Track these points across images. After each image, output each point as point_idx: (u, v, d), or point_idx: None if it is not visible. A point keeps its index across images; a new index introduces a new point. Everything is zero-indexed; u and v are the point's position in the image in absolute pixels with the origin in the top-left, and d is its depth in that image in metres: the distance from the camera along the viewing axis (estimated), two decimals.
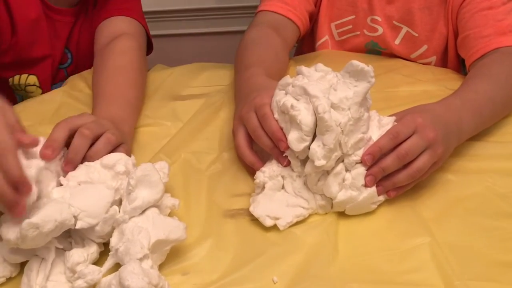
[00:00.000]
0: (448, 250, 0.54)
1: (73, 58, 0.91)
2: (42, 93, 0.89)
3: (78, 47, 0.91)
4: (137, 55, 0.82)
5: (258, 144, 0.61)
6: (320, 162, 0.55)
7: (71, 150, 0.57)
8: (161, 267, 0.53)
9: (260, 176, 0.60)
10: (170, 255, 0.54)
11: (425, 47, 0.88)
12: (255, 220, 0.59)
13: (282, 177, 0.60)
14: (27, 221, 0.48)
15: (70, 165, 0.57)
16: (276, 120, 0.59)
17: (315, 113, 0.55)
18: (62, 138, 0.57)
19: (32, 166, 0.52)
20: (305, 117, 0.56)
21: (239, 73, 0.75)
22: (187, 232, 0.53)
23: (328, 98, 0.55)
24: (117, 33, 0.84)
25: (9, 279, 0.54)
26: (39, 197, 0.51)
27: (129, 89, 0.76)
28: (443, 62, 0.89)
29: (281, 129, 0.58)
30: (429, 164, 0.58)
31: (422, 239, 0.55)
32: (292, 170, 0.60)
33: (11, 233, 0.49)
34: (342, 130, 0.55)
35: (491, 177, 0.63)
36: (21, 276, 0.53)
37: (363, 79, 0.56)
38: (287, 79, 0.60)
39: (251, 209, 0.58)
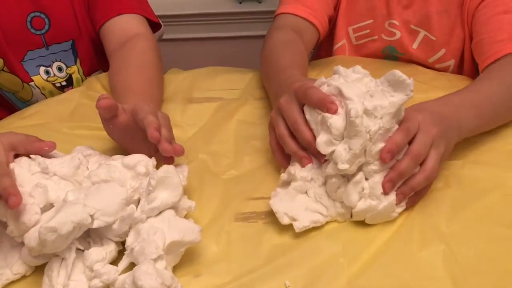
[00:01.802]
0: (462, 258, 0.54)
1: (51, 24, 0.88)
2: (14, 73, 0.89)
3: (56, 12, 0.88)
4: (155, 56, 0.82)
5: (298, 137, 0.60)
6: (343, 165, 0.54)
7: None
8: (174, 268, 0.53)
9: (292, 169, 0.59)
10: (184, 256, 0.54)
11: (443, 50, 0.87)
12: (268, 224, 0.59)
13: (311, 179, 0.59)
14: (44, 225, 0.48)
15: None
16: (307, 121, 0.58)
17: (347, 115, 0.54)
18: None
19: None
20: (336, 120, 0.55)
21: (276, 74, 0.73)
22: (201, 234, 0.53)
23: (363, 103, 0.54)
24: (131, 33, 0.84)
25: (24, 278, 0.54)
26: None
27: (153, 87, 0.76)
28: (460, 66, 0.89)
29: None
30: (438, 162, 0.57)
31: (436, 246, 0.55)
32: (321, 175, 0.59)
33: (33, 241, 0.50)
34: (370, 138, 0.54)
35: (507, 185, 0.62)
36: (35, 276, 0.54)
37: (401, 90, 0.55)
38: (322, 79, 0.59)
39: (271, 202, 0.57)
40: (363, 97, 0.55)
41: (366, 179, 0.57)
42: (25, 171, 0.56)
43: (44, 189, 0.54)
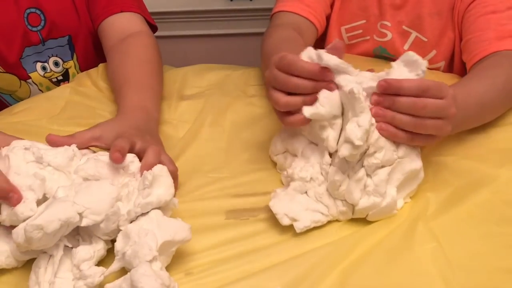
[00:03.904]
0: (452, 256, 0.54)
1: (46, 20, 0.88)
2: (11, 73, 0.89)
3: (52, 7, 0.88)
4: (156, 52, 0.82)
5: (297, 91, 0.57)
6: (359, 141, 0.53)
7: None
8: (166, 269, 0.52)
9: (290, 170, 0.59)
10: (174, 257, 0.53)
11: (434, 52, 0.88)
12: (259, 221, 0.59)
13: (311, 179, 0.59)
14: (30, 223, 0.48)
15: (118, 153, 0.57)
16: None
17: (347, 97, 0.54)
18: (127, 147, 0.58)
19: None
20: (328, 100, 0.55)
21: None
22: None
23: (359, 83, 0.55)
24: (133, 30, 0.85)
25: (12, 272, 0.54)
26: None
27: (156, 81, 0.77)
28: (451, 67, 0.89)
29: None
30: (435, 132, 0.56)
31: (426, 244, 0.55)
32: (322, 173, 0.59)
33: (20, 237, 0.49)
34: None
35: (497, 183, 0.62)
36: (24, 270, 0.54)
37: (414, 70, 0.56)
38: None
39: (270, 203, 0.57)
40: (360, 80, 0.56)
41: (368, 175, 0.57)
42: (20, 159, 0.55)
43: (42, 181, 0.53)
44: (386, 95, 0.55)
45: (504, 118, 0.73)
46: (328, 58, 0.56)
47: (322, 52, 0.56)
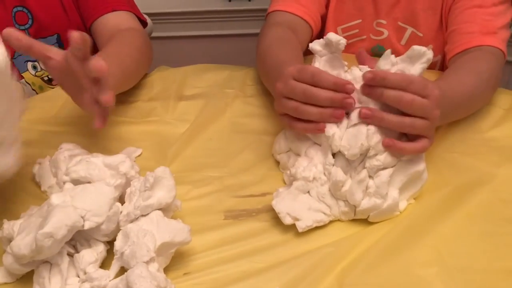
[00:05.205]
0: (450, 255, 0.54)
1: (34, 19, 0.87)
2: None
3: (38, 6, 0.87)
4: (147, 46, 0.82)
5: (315, 102, 0.57)
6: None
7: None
8: (164, 270, 0.52)
9: (293, 169, 0.60)
10: (173, 257, 0.53)
11: (430, 47, 0.88)
12: (258, 221, 0.59)
13: (314, 178, 0.59)
14: (40, 232, 0.48)
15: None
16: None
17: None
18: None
19: None
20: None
21: (276, 68, 0.70)
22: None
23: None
24: (125, 26, 0.84)
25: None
26: None
27: (131, 58, 0.76)
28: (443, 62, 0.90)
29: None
30: (422, 131, 0.56)
31: (424, 243, 0.55)
32: (324, 174, 0.59)
33: (23, 248, 0.49)
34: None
35: (495, 182, 0.63)
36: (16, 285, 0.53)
37: (418, 61, 0.56)
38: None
39: (273, 203, 0.58)
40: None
41: (370, 177, 0.57)
42: None
43: None
44: (374, 86, 0.55)
45: (503, 117, 0.73)
46: (332, 36, 0.58)
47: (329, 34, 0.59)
